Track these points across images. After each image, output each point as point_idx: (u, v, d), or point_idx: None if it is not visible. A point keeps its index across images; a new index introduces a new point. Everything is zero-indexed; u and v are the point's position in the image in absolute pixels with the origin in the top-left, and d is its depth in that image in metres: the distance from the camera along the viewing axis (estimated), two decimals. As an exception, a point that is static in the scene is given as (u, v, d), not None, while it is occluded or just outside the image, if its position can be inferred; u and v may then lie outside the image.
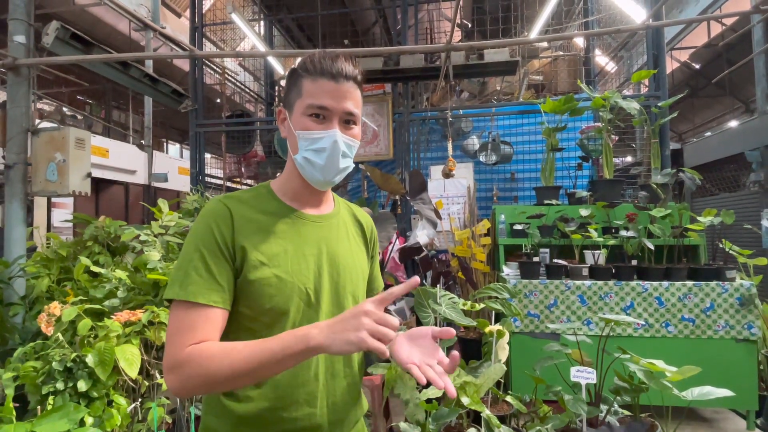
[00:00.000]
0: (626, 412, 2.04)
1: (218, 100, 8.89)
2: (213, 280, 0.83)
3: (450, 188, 4.62)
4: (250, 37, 6.50)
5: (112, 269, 2.43)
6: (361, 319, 0.70)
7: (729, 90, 10.54)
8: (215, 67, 7.34)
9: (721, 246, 3.14)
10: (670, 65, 8.55)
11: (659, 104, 3.93)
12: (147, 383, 2.02)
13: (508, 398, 2.11)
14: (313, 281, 0.90)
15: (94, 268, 2.42)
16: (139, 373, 1.92)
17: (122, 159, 7.38)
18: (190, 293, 0.81)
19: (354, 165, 0.98)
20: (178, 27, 9.56)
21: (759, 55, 5.84)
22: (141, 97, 8.48)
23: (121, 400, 1.86)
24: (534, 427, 1.91)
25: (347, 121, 0.91)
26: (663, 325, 2.86)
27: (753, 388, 2.74)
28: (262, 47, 6.49)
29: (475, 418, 2.03)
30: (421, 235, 3.49)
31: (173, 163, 8.97)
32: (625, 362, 1.92)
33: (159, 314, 2.03)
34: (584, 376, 1.85)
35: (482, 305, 2.54)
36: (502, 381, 2.32)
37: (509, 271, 3.36)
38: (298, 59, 0.95)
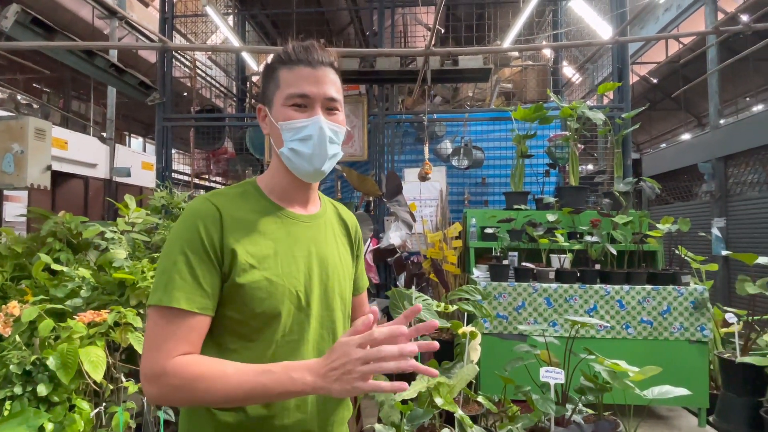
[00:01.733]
0: (590, 411, 2.12)
1: (185, 94, 8.63)
2: (198, 285, 0.79)
3: (423, 191, 4.68)
4: (224, 31, 6.35)
5: (74, 267, 2.31)
6: (348, 369, 0.70)
7: (683, 105, 11.17)
8: (185, 60, 7.13)
9: (677, 252, 3.32)
10: (631, 79, 8.96)
11: (623, 115, 4.11)
12: (111, 387, 1.94)
13: (480, 398, 2.15)
14: (304, 283, 0.88)
15: (55, 266, 2.30)
16: (104, 376, 1.85)
17: (82, 152, 7.03)
18: (174, 299, 0.77)
19: None
20: (145, 17, 9.21)
21: (713, 74, 6.21)
22: (103, 87, 8.12)
23: (84, 405, 1.77)
24: (504, 426, 1.96)
25: (329, 107, 0.89)
26: (623, 326, 2.99)
27: (704, 387, 2.90)
28: (235, 42, 6.36)
29: (448, 418, 2.07)
30: (394, 236, 3.51)
31: (136, 158, 8.64)
32: (590, 363, 2.00)
33: (126, 315, 1.96)
34: (553, 376, 1.91)
35: (455, 307, 2.58)
36: (474, 381, 2.37)
37: (479, 273, 3.43)
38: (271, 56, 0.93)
